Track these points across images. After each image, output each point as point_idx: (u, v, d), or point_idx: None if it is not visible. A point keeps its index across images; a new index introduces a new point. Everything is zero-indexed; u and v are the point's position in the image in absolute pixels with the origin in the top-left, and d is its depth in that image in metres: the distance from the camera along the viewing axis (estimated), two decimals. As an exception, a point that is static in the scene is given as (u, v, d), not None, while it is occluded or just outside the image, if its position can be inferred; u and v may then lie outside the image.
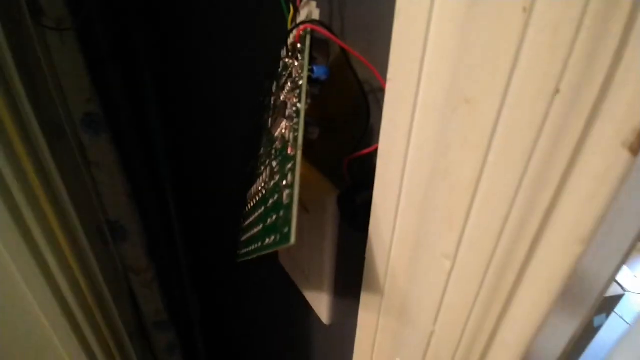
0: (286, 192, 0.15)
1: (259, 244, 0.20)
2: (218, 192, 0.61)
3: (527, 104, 0.11)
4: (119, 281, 0.57)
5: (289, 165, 0.15)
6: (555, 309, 0.14)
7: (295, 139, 0.15)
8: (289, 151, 0.15)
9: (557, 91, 0.11)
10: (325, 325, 0.34)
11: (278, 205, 0.17)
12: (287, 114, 0.17)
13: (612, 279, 0.18)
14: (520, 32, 0.11)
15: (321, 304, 0.33)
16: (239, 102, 0.42)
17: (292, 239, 0.13)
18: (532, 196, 0.12)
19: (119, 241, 0.59)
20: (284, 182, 0.16)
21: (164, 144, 0.69)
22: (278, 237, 0.15)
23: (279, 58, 0.22)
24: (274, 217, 0.17)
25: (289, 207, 0.14)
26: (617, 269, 0.17)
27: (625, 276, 0.82)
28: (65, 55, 0.50)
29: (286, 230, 0.14)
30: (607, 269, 0.17)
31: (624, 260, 0.17)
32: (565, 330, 0.19)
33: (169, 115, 0.68)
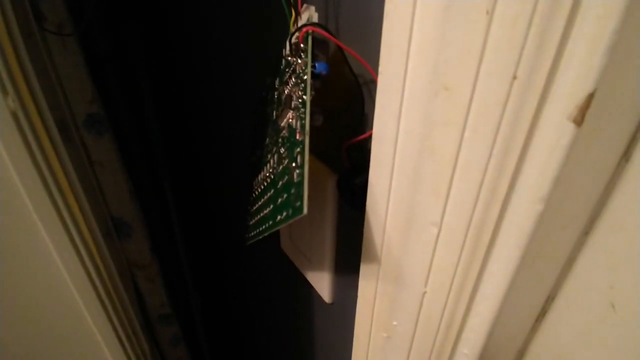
0: (296, 172, 0.18)
1: (270, 222, 0.22)
2: (218, 187, 0.63)
3: (492, 88, 0.14)
4: (126, 276, 0.59)
5: (298, 149, 0.18)
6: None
7: (303, 126, 0.18)
8: (298, 137, 0.18)
9: (514, 77, 0.13)
10: (327, 304, 0.37)
11: (288, 184, 0.19)
12: (293, 105, 0.20)
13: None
14: (485, 30, 0.13)
15: (323, 283, 0.35)
16: (237, 101, 0.44)
17: (305, 210, 0.16)
18: (500, 165, 0.15)
19: (123, 237, 0.61)
20: (293, 164, 0.18)
21: (163, 143, 0.71)
22: (291, 211, 0.18)
23: (280, 57, 0.25)
24: (285, 195, 0.19)
25: (300, 183, 0.17)
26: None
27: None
28: (67, 59, 0.52)
29: (298, 203, 0.17)
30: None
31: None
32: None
33: (168, 114, 0.70)
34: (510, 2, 0.13)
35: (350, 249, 0.31)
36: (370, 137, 0.23)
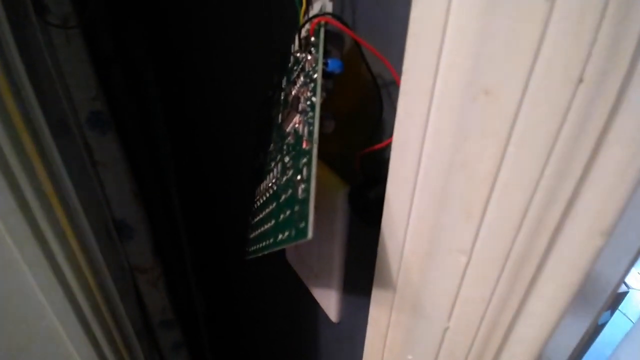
0: (301, 187, 0.15)
1: (271, 240, 0.20)
2: (223, 190, 0.61)
3: (549, 95, 0.11)
4: (126, 280, 0.57)
5: (304, 160, 0.15)
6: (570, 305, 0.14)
7: (310, 132, 0.15)
8: (304, 145, 0.15)
9: (580, 80, 0.11)
10: (333, 323, 0.34)
11: (292, 200, 0.16)
12: (300, 108, 0.17)
13: (624, 277, 0.17)
14: (543, 21, 0.11)
15: (329, 301, 0.33)
16: (244, 100, 0.42)
17: (310, 234, 0.13)
18: (554, 187, 0.12)
19: (125, 240, 0.60)
20: (298, 177, 0.16)
21: (168, 143, 0.69)
22: (294, 232, 0.15)
23: (288, 53, 0.22)
24: (288, 212, 0.17)
25: (305, 201, 0.14)
26: (629, 267, 0.17)
27: (629, 273, 0.81)
28: (71, 54, 0.50)
29: (302, 225, 0.14)
30: (619, 266, 0.17)
31: (635, 258, 0.16)
32: (576, 328, 0.19)
33: (173, 114, 0.68)
34: (579, -17, 0.10)
35: (361, 266, 0.28)
36: (388, 146, 0.20)
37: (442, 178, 0.15)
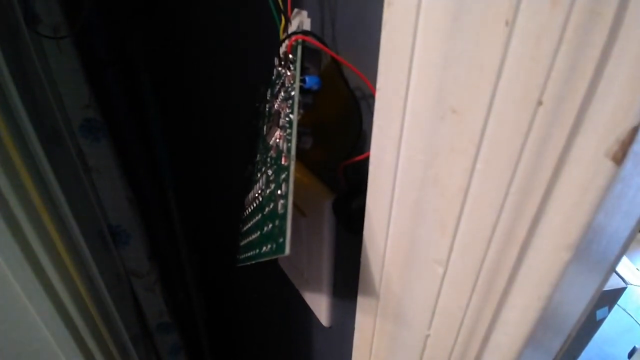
0: (281, 202, 0.15)
1: (257, 250, 0.20)
2: (219, 194, 0.61)
3: (511, 115, 0.12)
4: (122, 285, 0.58)
5: (283, 176, 0.16)
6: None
7: (289, 149, 0.15)
8: (283, 161, 0.16)
9: (539, 102, 0.11)
10: (325, 327, 0.35)
11: (274, 214, 0.17)
12: (280, 123, 0.18)
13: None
14: (503, 44, 0.11)
15: (321, 306, 0.33)
16: (239, 106, 0.42)
17: (287, 250, 0.14)
18: (520, 203, 0.13)
19: (121, 245, 0.60)
20: (279, 192, 0.16)
21: (164, 148, 0.69)
22: (274, 246, 0.15)
23: (273, 66, 0.23)
24: (270, 225, 0.17)
25: (283, 217, 0.15)
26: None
27: (627, 269, 0.82)
28: (63, 62, 0.50)
29: (281, 240, 0.15)
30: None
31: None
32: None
33: (168, 120, 0.68)
34: (535, 11, 0.10)
35: (349, 272, 0.28)
36: (368, 157, 0.20)
37: (417, 192, 0.16)
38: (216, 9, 0.39)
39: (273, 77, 0.22)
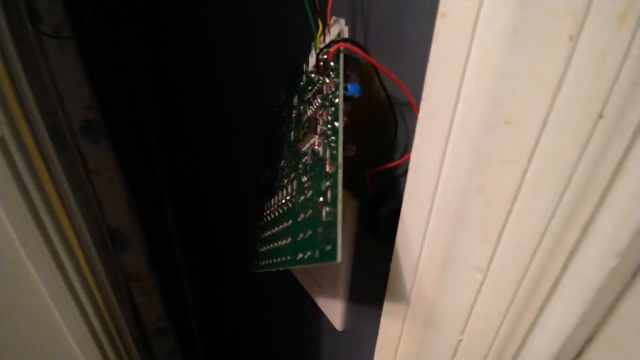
0: (325, 209, 0.15)
1: (287, 257, 0.20)
2: (217, 198, 0.61)
3: (569, 127, 0.12)
4: (121, 288, 0.57)
5: (327, 183, 0.16)
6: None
7: (334, 156, 0.16)
8: (328, 169, 0.16)
9: (600, 116, 0.11)
10: (337, 331, 0.35)
11: (313, 221, 0.17)
12: (318, 130, 0.18)
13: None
14: (565, 59, 0.11)
15: (335, 310, 0.33)
16: (239, 110, 0.42)
17: (339, 257, 0.14)
18: (572, 212, 0.13)
19: (120, 249, 0.59)
20: (321, 199, 0.16)
21: (161, 151, 0.68)
22: (318, 254, 0.15)
23: (300, 72, 0.23)
24: (308, 233, 0.17)
25: (331, 225, 0.15)
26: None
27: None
28: (64, 62, 0.49)
29: (329, 247, 0.15)
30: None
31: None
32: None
33: (167, 123, 0.67)
34: (601, 28, 0.11)
35: (367, 277, 0.28)
36: (398, 165, 0.20)
37: (459, 201, 0.16)
38: (215, 13, 0.38)
39: (301, 84, 0.22)
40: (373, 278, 0.27)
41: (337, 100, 0.16)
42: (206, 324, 0.86)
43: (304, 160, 0.19)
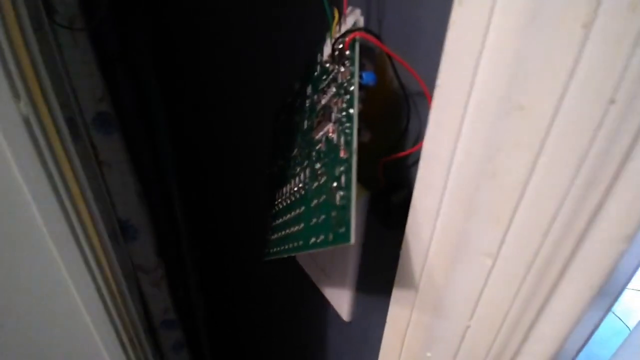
0: (339, 194, 0.16)
1: (299, 242, 0.20)
2: (227, 190, 0.61)
3: (582, 112, 0.12)
4: (130, 280, 0.57)
5: (341, 168, 0.16)
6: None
7: (348, 142, 0.16)
8: (342, 154, 0.16)
9: (612, 101, 0.12)
10: (344, 322, 0.35)
11: (327, 205, 0.17)
12: (333, 117, 0.18)
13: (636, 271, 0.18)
14: (579, 45, 0.12)
15: (342, 300, 0.34)
16: (247, 102, 0.43)
17: (352, 239, 0.14)
18: (582, 196, 0.13)
19: (130, 240, 0.60)
20: (334, 184, 0.17)
21: (171, 144, 0.69)
22: (331, 236, 0.16)
23: (314, 62, 0.23)
24: (322, 217, 0.18)
25: (345, 208, 0.15)
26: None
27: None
28: (78, 55, 0.50)
29: (343, 230, 0.15)
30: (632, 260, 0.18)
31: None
32: (589, 323, 0.20)
33: (177, 116, 0.68)
34: (614, 15, 0.11)
35: (375, 267, 0.29)
36: (410, 154, 0.21)
37: (472, 186, 0.16)
38: (228, 3, 0.39)
39: (315, 73, 0.23)
40: (380, 270, 0.27)
41: (352, 88, 0.16)
42: (211, 316, 0.86)
43: (317, 147, 0.20)
